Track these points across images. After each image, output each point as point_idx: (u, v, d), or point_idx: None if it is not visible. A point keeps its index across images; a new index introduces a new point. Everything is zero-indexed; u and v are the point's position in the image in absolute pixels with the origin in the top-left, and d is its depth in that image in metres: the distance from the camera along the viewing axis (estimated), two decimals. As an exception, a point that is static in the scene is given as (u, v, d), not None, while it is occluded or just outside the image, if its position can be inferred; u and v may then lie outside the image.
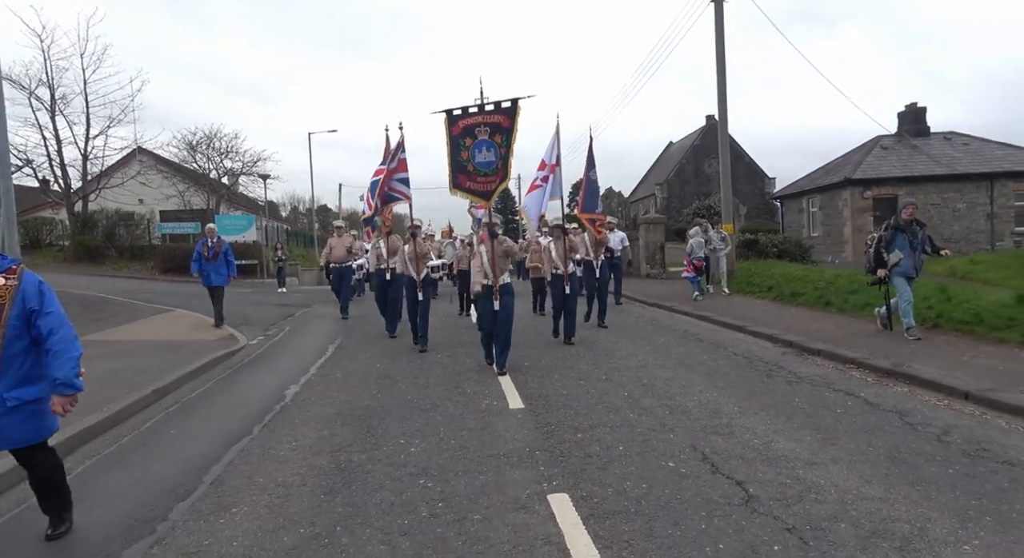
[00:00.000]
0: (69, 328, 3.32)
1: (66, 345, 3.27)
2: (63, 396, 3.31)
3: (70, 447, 5.31)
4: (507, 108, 7.76)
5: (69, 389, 3.30)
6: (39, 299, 3.25)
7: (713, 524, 3.42)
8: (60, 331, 3.26)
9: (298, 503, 3.98)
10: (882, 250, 8.18)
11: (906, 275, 8.04)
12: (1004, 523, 3.34)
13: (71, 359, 3.28)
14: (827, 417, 5.34)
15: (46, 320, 3.24)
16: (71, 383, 3.28)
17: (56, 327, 3.25)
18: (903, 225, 8.07)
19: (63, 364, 3.25)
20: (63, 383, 3.26)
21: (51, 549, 3.58)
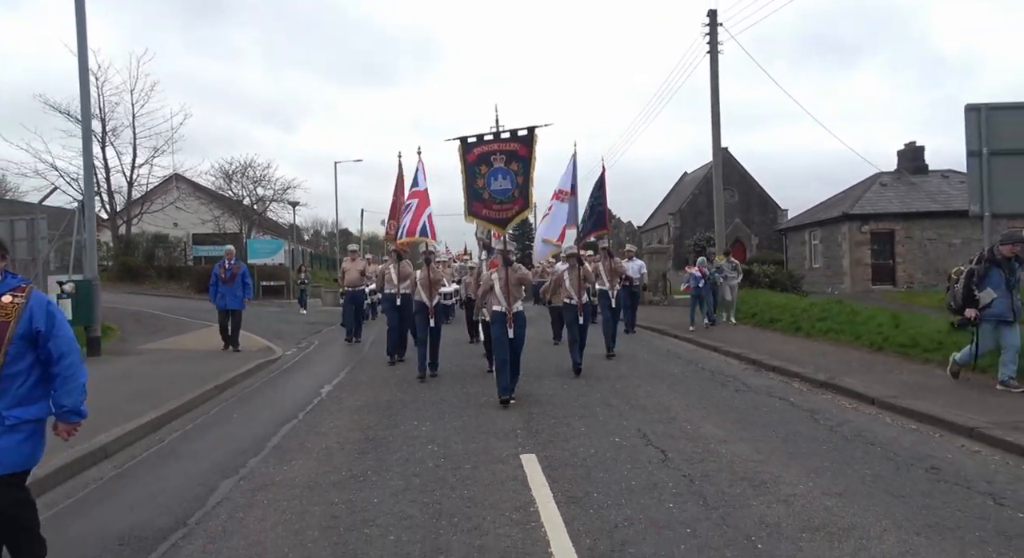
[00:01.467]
0: (77, 352, 3.24)
1: (74, 371, 3.19)
2: (68, 423, 3.26)
3: (157, 425, 6.84)
4: (523, 136, 7.86)
5: (76, 417, 3.25)
6: (47, 320, 3.13)
7: (633, 472, 4.83)
8: (70, 356, 3.17)
9: (339, 458, 5.46)
10: (973, 286, 6.95)
11: (1000, 317, 6.84)
12: (836, 475, 4.69)
13: (79, 386, 3.22)
14: (753, 414, 6.70)
15: (56, 343, 3.13)
16: (78, 410, 3.23)
17: (66, 352, 3.16)
18: (1000, 260, 6.89)
19: (71, 391, 3.18)
20: (71, 410, 3.20)
21: (162, 498, 5.07)
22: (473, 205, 8.03)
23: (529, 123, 8.16)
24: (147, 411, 7.02)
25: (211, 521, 4.19)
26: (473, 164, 7.95)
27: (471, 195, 8.01)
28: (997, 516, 3.91)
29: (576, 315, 9.13)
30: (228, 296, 11.76)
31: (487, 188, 7.92)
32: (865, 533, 3.69)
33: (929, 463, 4.95)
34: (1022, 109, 8.53)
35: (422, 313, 9.17)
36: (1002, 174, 8.38)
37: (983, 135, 8.39)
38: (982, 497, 4.22)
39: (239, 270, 11.86)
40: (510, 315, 7.33)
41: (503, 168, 7.85)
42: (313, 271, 41.98)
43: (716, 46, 18.03)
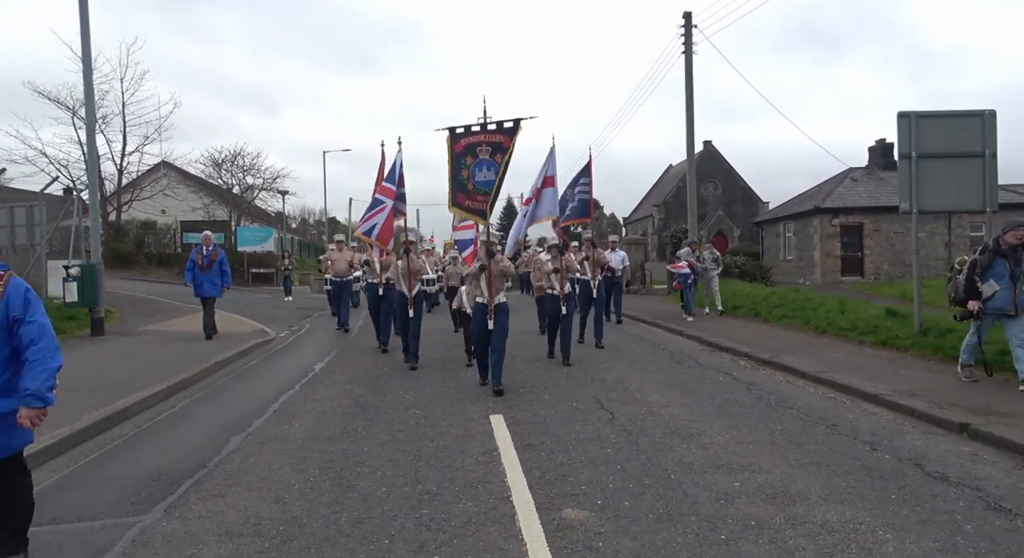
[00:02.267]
0: (51, 339, 3.09)
1: (44, 356, 3.03)
2: (31, 409, 3.04)
3: (168, 394, 7.65)
4: (509, 128, 7.90)
5: (38, 402, 3.04)
6: (24, 308, 3.02)
7: (583, 428, 5.73)
8: (41, 341, 3.03)
9: (333, 419, 6.31)
10: (975, 278, 6.67)
11: (1000, 311, 6.57)
12: (751, 430, 5.62)
13: (47, 370, 3.04)
14: (698, 386, 7.63)
15: (28, 329, 3.02)
16: (42, 395, 3.03)
17: (37, 337, 3.03)
18: (1005, 250, 6.58)
19: (37, 375, 3.01)
20: (33, 394, 3.01)
21: (185, 445, 5.90)
22: (457, 195, 8.12)
23: (516, 115, 8.00)
24: (158, 382, 7.82)
25: (227, 464, 5.04)
26: (459, 155, 8.00)
27: (456, 185, 8.08)
28: (868, 457, 4.85)
29: (559, 305, 9.20)
30: (206, 283, 11.38)
31: (471, 179, 7.98)
32: (759, 468, 4.61)
33: (831, 422, 5.90)
34: (947, 117, 9.47)
35: (402, 304, 9.25)
36: (928, 175, 9.34)
37: (912, 140, 9.33)
38: (862, 445, 5.17)
39: (218, 256, 11.41)
40: (491, 306, 7.39)
41: (488, 160, 7.89)
42: (300, 259, 42.60)
43: (691, 47, 18.86)
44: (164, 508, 4.16)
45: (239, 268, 34.07)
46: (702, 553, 3.32)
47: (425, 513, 3.95)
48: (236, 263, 34.25)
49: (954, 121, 9.48)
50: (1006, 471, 4.53)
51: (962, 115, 9.53)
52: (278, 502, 4.20)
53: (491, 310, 7.39)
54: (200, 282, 11.37)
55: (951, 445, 5.15)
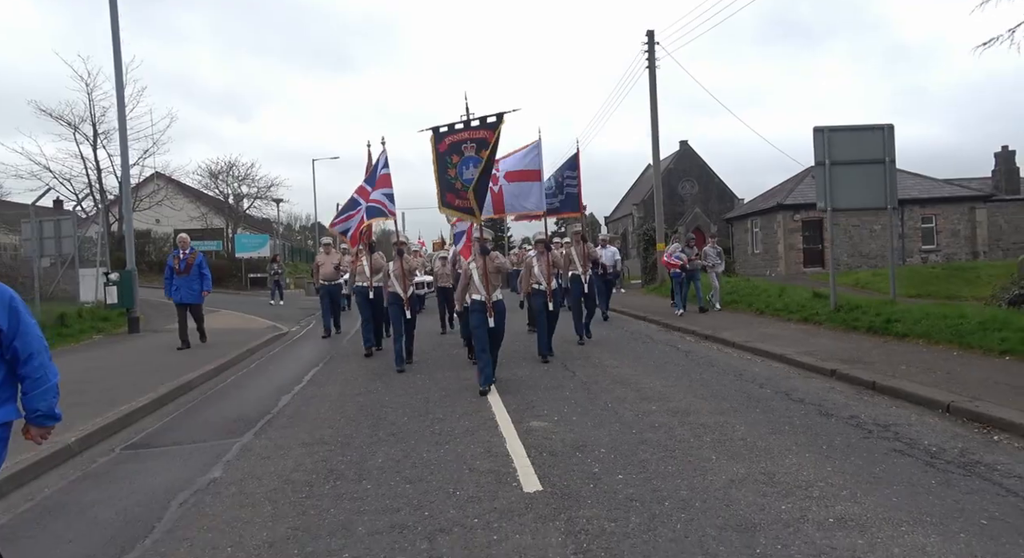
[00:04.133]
0: (46, 351, 2.99)
1: (45, 372, 2.94)
2: (42, 427, 3.00)
3: (216, 373, 9.34)
4: (492, 123, 7.71)
5: (51, 420, 3.00)
6: (9, 317, 2.87)
7: (550, 381, 7.54)
8: (39, 356, 2.92)
9: (356, 386, 8.07)
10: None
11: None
12: (678, 379, 7.47)
13: (52, 388, 2.97)
14: (646, 355, 9.47)
15: (23, 342, 2.88)
16: (53, 414, 2.99)
17: (35, 352, 2.91)
18: None
19: (44, 394, 2.94)
20: (45, 414, 2.96)
21: (219, 423, 7.66)
22: (446, 196, 8.00)
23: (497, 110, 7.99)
24: (204, 365, 9.53)
25: (285, 411, 6.81)
26: (444, 154, 7.87)
27: (443, 185, 7.96)
28: (754, 391, 6.71)
29: (544, 301, 9.17)
30: (184, 289, 10.77)
31: (459, 178, 7.82)
32: (672, 399, 6.45)
33: (739, 372, 7.77)
34: (854, 131, 11.40)
35: (397, 305, 9.07)
36: (840, 179, 11.26)
37: (826, 150, 11.25)
38: (754, 385, 7.03)
39: (195, 259, 10.80)
40: (490, 304, 7.39)
41: (474, 157, 7.72)
42: (294, 264, 44.16)
43: (654, 64, 20.77)
44: (252, 434, 5.93)
45: (236, 274, 35.67)
46: (620, 440, 5.14)
47: (436, 428, 5.76)
48: (234, 269, 35.90)
49: (860, 134, 11.40)
50: (846, 395, 6.41)
51: (867, 128, 11.46)
52: (331, 428, 5.99)
53: (490, 308, 7.37)
54: (178, 287, 10.77)
55: (819, 383, 7.03)
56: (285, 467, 4.88)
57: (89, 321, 14.11)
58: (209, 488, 4.53)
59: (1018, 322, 7.89)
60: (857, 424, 5.36)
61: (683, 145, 53.90)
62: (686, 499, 3.86)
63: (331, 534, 3.63)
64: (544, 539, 3.41)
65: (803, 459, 4.51)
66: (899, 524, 3.41)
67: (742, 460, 4.53)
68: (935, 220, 29.99)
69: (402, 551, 3.37)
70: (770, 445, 4.85)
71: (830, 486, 3.97)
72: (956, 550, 3.10)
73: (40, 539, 3.86)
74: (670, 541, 3.32)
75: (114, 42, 13.56)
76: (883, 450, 4.65)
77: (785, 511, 3.63)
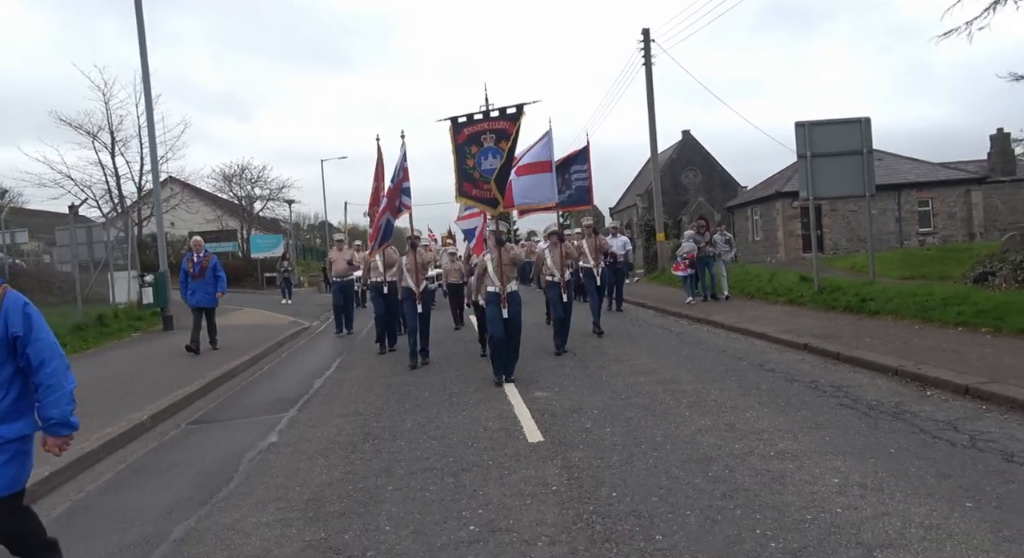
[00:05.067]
0: (62, 358, 2.91)
1: (59, 379, 2.85)
2: (59, 437, 2.91)
3: (252, 363, 10.32)
4: (512, 114, 7.78)
5: (66, 429, 2.90)
6: (24, 323, 2.81)
7: (550, 359, 8.46)
8: (52, 363, 2.84)
9: (381, 370, 9.02)
10: None
11: None
12: (667, 356, 8.36)
13: (66, 395, 2.87)
14: (641, 337, 10.36)
15: (36, 349, 2.82)
16: (68, 422, 2.90)
17: (48, 358, 2.83)
18: None
19: (58, 401, 2.84)
20: (59, 423, 2.87)
21: (259, 403, 8.63)
22: (463, 185, 7.98)
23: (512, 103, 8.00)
24: (240, 356, 10.50)
25: (321, 392, 7.77)
26: (463, 144, 7.88)
27: (461, 175, 7.95)
28: (732, 364, 7.60)
29: (559, 293, 9.13)
30: (199, 293, 10.59)
31: (477, 168, 7.83)
32: (660, 371, 7.34)
33: (723, 349, 8.66)
34: (831, 124, 12.19)
35: (410, 299, 9.06)
36: (821, 169, 12.07)
37: (808, 143, 12.06)
38: (735, 359, 7.92)
39: (209, 263, 10.61)
40: (504, 295, 7.41)
41: (494, 147, 7.74)
42: (306, 263, 45.29)
43: (650, 61, 21.53)
44: (295, 409, 6.89)
45: (252, 274, 36.77)
46: (610, 404, 6.05)
47: (454, 400, 6.71)
48: (250, 269, 37.00)
49: (839, 127, 12.20)
50: (813, 365, 7.29)
51: (845, 122, 12.26)
52: (363, 403, 6.95)
53: (504, 299, 7.42)
54: (193, 291, 10.62)
55: (791, 356, 7.91)
56: (329, 433, 5.84)
57: (125, 321, 15.12)
58: (270, 449, 5.49)
59: (975, 298, 8.72)
60: (815, 387, 6.25)
61: (685, 135, 54.39)
62: (659, 443, 4.78)
63: (376, 475, 4.57)
64: (544, 472, 4.34)
65: (761, 413, 5.41)
66: (825, 455, 4.31)
67: (710, 415, 5.44)
68: (931, 203, 30.61)
69: (433, 484, 4.31)
70: (736, 404, 5.75)
71: (778, 431, 4.87)
72: (862, 469, 4.00)
73: (143, 489, 4.83)
74: (643, 470, 4.24)
75: (141, 54, 14.46)
76: (831, 405, 5.54)
77: (737, 449, 4.53)
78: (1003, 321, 7.52)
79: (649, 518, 3.50)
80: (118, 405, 7.04)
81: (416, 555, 3.31)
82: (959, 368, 6.11)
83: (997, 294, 8.87)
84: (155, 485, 4.85)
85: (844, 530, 3.20)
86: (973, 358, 6.47)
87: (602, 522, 3.50)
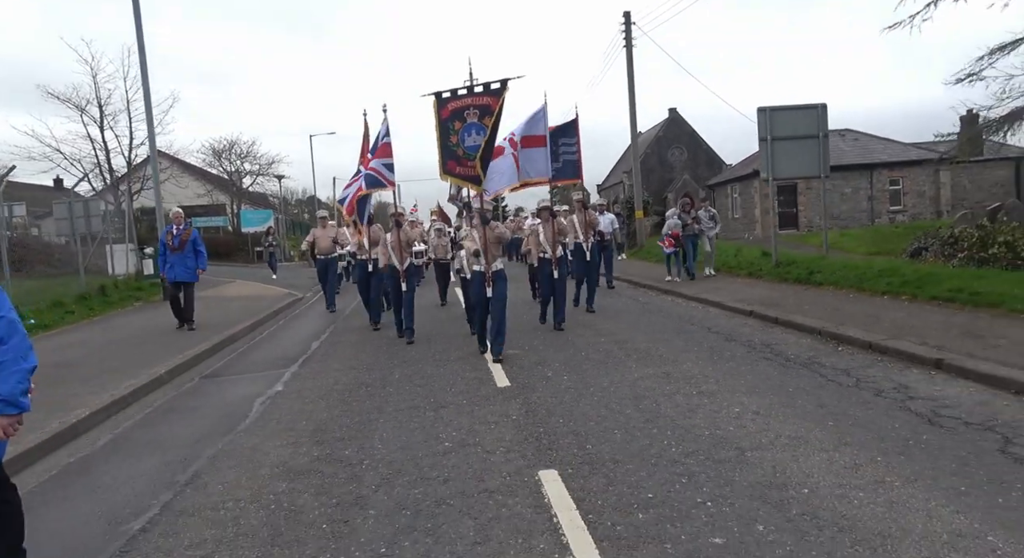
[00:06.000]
0: (23, 337, 2.73)
1: (15, 355, 2.67)
2: (5, 416, 2.66)
3: (251, 329, 11.18)
4: (496, 89, 7.62)
5: (12, 408, 2.67)
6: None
7: (530, 332, 9.41)
8: (10, 340, 2.66)
9: (372, 336, 9.94)
10: None
11: None
12: (634, 323, 9.33)
13: (19, 371, 2.68)
14: (611, 307, 11.32)
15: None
16: (15, 401, 2.67)
17: (6, 335, 2.66)
18: None
19: (8, 377, 2.65)
20: (5, 400, 2.65)
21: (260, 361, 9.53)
22: (447, 163, 7.89)
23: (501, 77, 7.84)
24: (240, 322, 11.37)
25: (319, 351, 8.68)
26: (447, 120, 7.77)
27: (445, 152, 7.86)
28: (686, 327, 8.59)
29: (551, 269, 9.13)
30: (178, 266, 10.19)
31: (461, 144, 7.74)
32: (625, 338, 8.32)
33: (679, 317, 9.65)
34: (791, 110, 13.07)
35: (395, 277, 9.10)
36: (780, 152, 12.99)
37: (768, 127, 12.94)
38: (688, 324, 8.91)
39: (190, 236, 10.26)
40: (489, 274, 7.40)
41: (477, 123, 7.63)
42: (295, 237, 45.86)
43: (631, 44, 22.21)
44: (297, 365, 7.80)
45: (243, 248, 37.39)
46: (571, 359, 7.00)
47: (438, 358, 7.66)
48: (240, 243, 37.62)
49: (798, 112, 13.09)
50: (753, 328, 8.28)
51: (803, 108, 13.14)
52: (357, 359, 7.87)
53: (489, 277, 7.41)
54: (172, 265, 10.21)
55: (738, 321, 8.90)
56: (327, 383, 6.76)
57: (125, 291, 15.89)
58: (276, 396, 6.40)
59: (905, 270, 9.75)
60: (748, 344, 7.24)
61: (672, 112, 54.96)
62: (605, 387, 5.75)
63: (369, 413, 5.51)
64: (507, 408, 5.29)
65: (695, 365, 6.39)
66: (736, 393, 5.29)
67: (652, 366, 6.42)
68: (902, 182, 31.72)
69: (417, 417, 5.25)
70: (677, 358, 6.73)
71: (704, 378, 5.86)
72: (760, 402, 4.99)
73: (173, 425, 5.74)
74: (587, 405, 5.21)
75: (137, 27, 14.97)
76: (755, 358, 6.54)
77: (667, 390, 5.51)
78: (921, 290, 8.55)
79: (585, 436, 4.47)
80: (135, 362, 7.90)
81: (403, 463, 4.25)
82: (870, 328, 7.12)
83: (924, 266, 9.91)
84: (182, 422, 5.76)
85: (730, 440, 4.19)
86: (886, 321, 7.48)
87: (548, 439, 4.47)
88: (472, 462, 4.16)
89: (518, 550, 3.01)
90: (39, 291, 13.82)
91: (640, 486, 3.59)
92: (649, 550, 2.91)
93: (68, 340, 10.24)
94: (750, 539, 2.94)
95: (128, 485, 4.28)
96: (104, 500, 4.07)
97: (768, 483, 3.52)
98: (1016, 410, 4.49)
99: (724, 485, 3.52)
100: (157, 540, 3.43)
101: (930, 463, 3.66)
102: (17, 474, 4.30)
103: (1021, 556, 2.68)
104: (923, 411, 4.56)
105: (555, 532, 3.15)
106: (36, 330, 10.92)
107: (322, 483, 4.00)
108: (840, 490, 3.37)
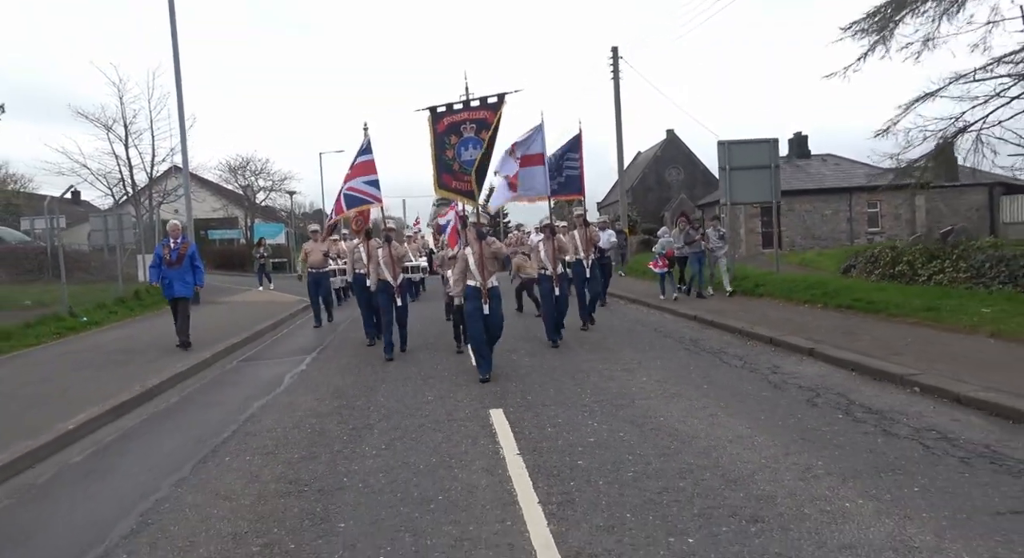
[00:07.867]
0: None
1: None
2: None
3: (272, 327, 12.96)
4: (493, 103, 7.56)
5: None
6: None
7: (515, 339, 11.15)
8: None
9: (368, 352, 11.72)
10: None
11: None
12: (608, 329, 11.09)
13: None
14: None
15: None
16: None
17: None
18: None
19: None
20: None
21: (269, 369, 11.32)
22: (442, 177, 7.83)
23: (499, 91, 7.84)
24: (262, 323, 13.14)
25: (331, 345, 10.45)
26: (442, 134, 7.70)
27: (441, 167, 7.79)
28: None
29: (551, 286, 9.11)
30: (176, 282, 9.78)
31: (457, 159, 7.67)
32: (606, 347, 10.05)
33: (635, 320, 11.39)
34: (746, 144, 14.92)
35: (386, 292, 9.06)
36: (738, 180, 14.81)
37: (728, 158, 14.78)
38: (638, 325, 10.65)
39: (187, 250, 9.88)
40: (485, 290, 7.22)
41: (474, 138, 7.57)
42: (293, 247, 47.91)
43: (618, 77, 24.17)
44: (315, 353, 9.58)
45: (255, 260, 39.46)
46: (538, 352, 8.74)
47: (431, 352, 9.41)
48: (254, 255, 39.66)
49: (753, 146, 14.96)
50: (693, 329, 10.02)
51: (758, 142, 15.02)
52: (365, 350, 9.64)
53: (485, 294, 7.20)
54: (169, 280, 9.78)
55: (683, 324, 10.66)
56: (341, 364, 8.54)
57: (157, 296, 17.65)
58: (302, 373, 8.17)
59: (832, 284, 11.49)
60: (679, 340, 9.00)
61: (670, 134, 56.95)
62: (556, 366, 7.50)
63: (374, 382, 7.27)
64: (484, 391, 6.99)
65: (634, 353, 8.15)
66: (651, 370, 7.04)
67: (600, 355, 8.19)
68: (879, 205, 33.49)
69: (412, 384, 7.01)
70: (622, 349, 8.49)
71: (638, 364, 7.59)
72: (664, 375, 6.73)
73: (224, 391, 7.50)
74: (541, 376, 6.97)
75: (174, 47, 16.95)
76: (678, 349, 8.29)
77: (605, 369, 7.26)
78: (832, 299, 10.29)
79: (535, 395, 6.23)
80: (183, 351, 9.69)
81: (397, 409, 6.01)
82: (777, 328, 8.87)
83: (846, 281, 11.66)
84: (231, 389, 7.53)
85: (627, 395, 5.95)
86: (794, 323, 9.23)
87: (510, 398, 6.22)
88: (447, 406, 5.93)
89: (468, 446, 4.77)
90: (83, 294, 15.69)
91: (556, 417, 5.35)
92: (548, 444, 4.67)
93: (120, 334, 12.05)
94: (611, 438, 4.70)
95: (200, 426, 6.03)
96: (189, 432, 5.82)
97: (640, 416, 5.27)
98: (841, 379, 6.23)
99: (610, 417, 5.28)
100: (234, 447, 5.19)
101: (756, 406, 5.41)
102: (131, 411, 6.08)
103: (781, 451, 4.42)
104: (776, 381, 6.31)
105: (493, 438, 4.90)
106: (89, 326, 12.75)
107: (341, 418, 5.77)
108: (683, 418, 5.13)
